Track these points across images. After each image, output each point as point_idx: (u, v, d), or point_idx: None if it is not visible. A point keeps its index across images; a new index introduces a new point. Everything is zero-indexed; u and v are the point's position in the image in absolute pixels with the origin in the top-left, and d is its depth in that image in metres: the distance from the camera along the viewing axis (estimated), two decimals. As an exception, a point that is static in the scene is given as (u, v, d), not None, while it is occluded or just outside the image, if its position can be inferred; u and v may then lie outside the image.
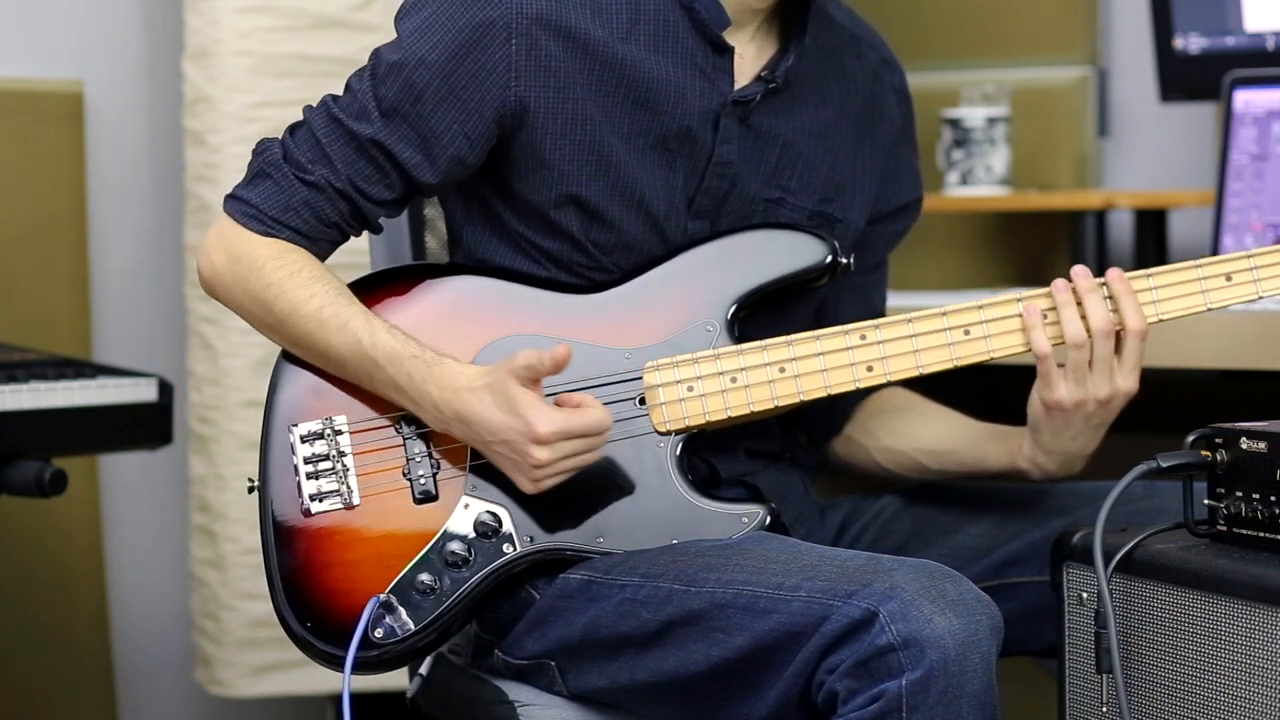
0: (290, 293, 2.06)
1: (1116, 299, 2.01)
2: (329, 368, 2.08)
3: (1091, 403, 2.03)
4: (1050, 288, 2.03)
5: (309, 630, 2.04)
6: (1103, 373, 2.01)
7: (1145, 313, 2.02)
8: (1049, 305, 2.03)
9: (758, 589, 1.92)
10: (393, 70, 2.06)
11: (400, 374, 2.02)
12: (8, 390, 2.59)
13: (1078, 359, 2.01)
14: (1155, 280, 2.03)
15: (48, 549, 3.25)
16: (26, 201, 3.24)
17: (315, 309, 2.05)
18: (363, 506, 2.06)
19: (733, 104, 2.11)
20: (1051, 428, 2.06)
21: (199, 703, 3.45)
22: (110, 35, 3.42)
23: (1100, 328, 2.00)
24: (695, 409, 2.06)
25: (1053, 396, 2.03)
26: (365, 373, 2.05)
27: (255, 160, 2.10)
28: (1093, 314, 2.01)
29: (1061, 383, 2.02)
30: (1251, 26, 2.89)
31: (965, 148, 3.09)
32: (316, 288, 2.06)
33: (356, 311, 2.05)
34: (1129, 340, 2.01)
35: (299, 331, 2.06)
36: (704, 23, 2.09)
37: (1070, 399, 2.03)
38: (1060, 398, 2.03)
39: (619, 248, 2.11)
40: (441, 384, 2.01)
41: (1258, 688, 1.77)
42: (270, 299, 2.07)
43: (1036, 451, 2.09)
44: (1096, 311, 2.01)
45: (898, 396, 2.31)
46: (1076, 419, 2.04)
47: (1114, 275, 2.02)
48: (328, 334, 2.04)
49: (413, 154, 2.06)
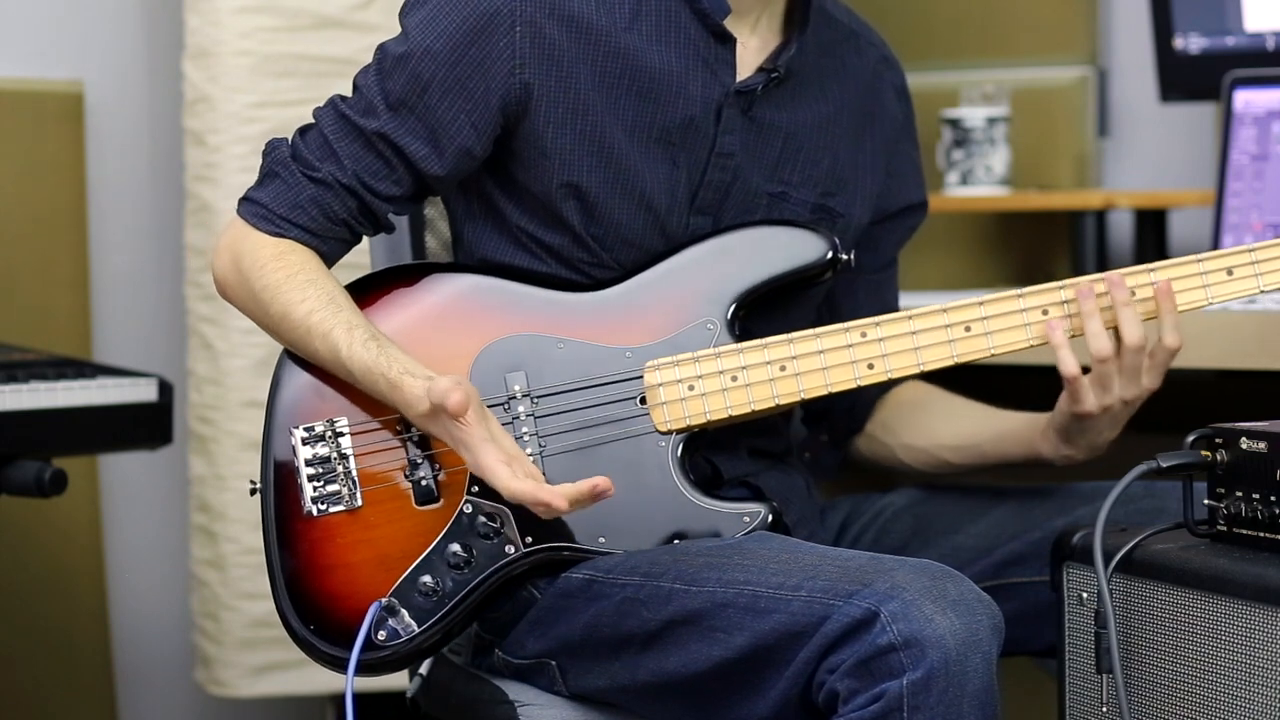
0: (284, 295, 2.06)
1: (1161, 316, 2.01)
2: (322, 364, 2.07)
3: (1118, 404, 2.04)
4: (1074, 293, 2.02)
5: (312, 632, 2.04)
6: (1131, 379, 2.02)
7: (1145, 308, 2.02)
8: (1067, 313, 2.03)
9: (759, 589, 1.92)
10: (399, 63, 2.06)
11: (374, 390, 2.02)
12: (8, 390, 2.59)
13: (1104, 371, 2.02)
14: (1157, 275, 2.03)
15: (48, 549, 3.25)
16: (26, 201, 3.24)
17: (304, 314, 2.05)
18: (365, 508, 2.05)
19: (735, 94, 2.11)
20: (1078, 430, 2.08)
21: (199, 703, 3.45)
22: (110, 35, 3.41)
23: (1135, 344, 2.01)
24: (696, 408, 2.06)
25: (1082, 409, 2.04)
26: (349, 379, 2.05)
27: (265, 161, 2.11)
28: (1128, 330, 2.01)
29: (1090, 394, 2.03)
30: (1251, 26, 2.89)
31: (965, 148, 3.09)
32: (310, 291, 2.06)
33: (341, 321, 2.04)
34: (1163, 355, 2.02)
35: (291, 336, 2.07)
36: (705, 12, 2.10)
37: (1098, 406, 2.04)
38: (1089, 409, 2.04)
39: (620, 242, 2.11)
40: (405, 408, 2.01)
41: (1258, 688, 1.77)
42: (266, 300, 2.07)
43: (1062, 446, 2.11)
44: (1132, 329, 2.01)
45: (918, 391, 2.31)
46: (1103, 420, 2.06)
47: (1163, 291, 2.01)
48: (313, 341, 2.05)
49: (420, 146, 2.07)
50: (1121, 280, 2.02)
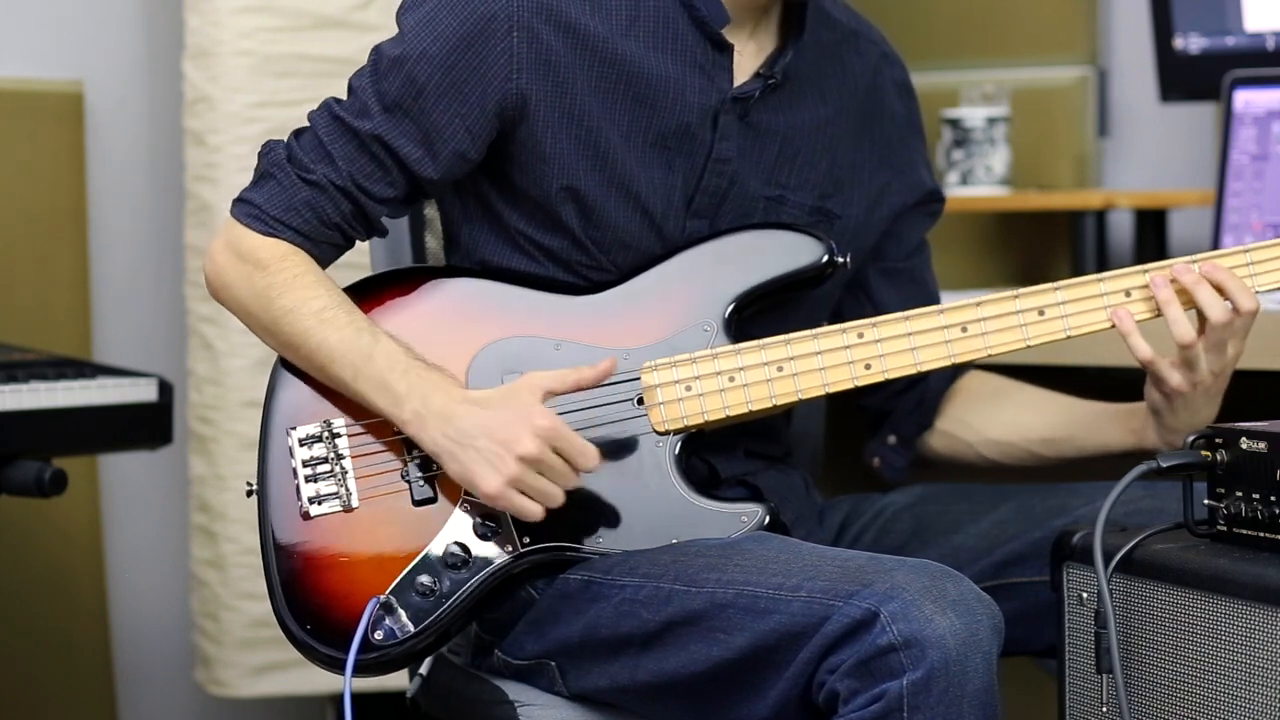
0: (294, 291, 2.06)
1: (1223, 286, 2.01)
2: (314, 368, 2.06)
3: (1209, 378, 2.04)
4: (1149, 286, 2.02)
5: (309, 633, 2.04)
6: (1217, 353, 2.03)
7: (1138, 309, 2.02)
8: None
9: (758, 589, 1.92)
10: (394, 65, 2.06)
11: (393, 370, 2.01)
12: (8, 390, 2.59)
13: (1189, 355, 2.02)
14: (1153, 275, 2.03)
15: (48, 549, 3.25)
16: (26, 201, 3.24)
17: (318, 309, 2.05)
18: (362, 509, 2.05)
19: (732, 101, 2.11)
20: (1175, 410, 2.08)
21: (199, 703, 3.45)
22: (110, 35, 3.42)
23: (1220, 319, 2.00)
24: (693, 409, 2.06)
25: (1169, 387, 2.05)
26: (352, 368, 2.03)
27: (260, 162, 2.11)
28: (1210, 307, 2.00)
29: (1174, 373, 2.04)
30: (1251, 26, 2.88)
31: (965, 148, 3.09)
32: (320, 290, 2.06)
33: (360, 317, 2.05)
34: (1242, 320, 2.01)
35: (295, 328, 2.06)
36: (703, 19, 2.10)
37: (1188, 384, 2.04)
38: (1178, 386, 2.04)
39: (617, 245, 2.11)
40: (438, 384, 2.01)
41: (1258, 688, 1.77)
42: (273, 296, 2.07)
43: (1164, 432, 2.11)
44: (1213, 303, 2.01)
45: (989, 382, 2.31)
46: (1197, 397, 2.06)
47: (1209, 267, 2.01)
48: (325, 330, 2.04)
49: (414, 149, 2.06)
50: (1186, 265, 2.02)
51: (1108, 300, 2.04)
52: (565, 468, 1.98)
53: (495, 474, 1.97)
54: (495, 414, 1.98)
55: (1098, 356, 2.34)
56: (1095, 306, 2.04)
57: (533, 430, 1.96)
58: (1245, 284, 2.01)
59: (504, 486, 1.97)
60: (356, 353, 2.03)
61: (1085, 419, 2.21)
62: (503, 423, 1.97)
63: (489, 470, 1.97)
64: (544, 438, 1.96)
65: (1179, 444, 2.08)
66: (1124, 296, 2.04)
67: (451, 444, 1.99)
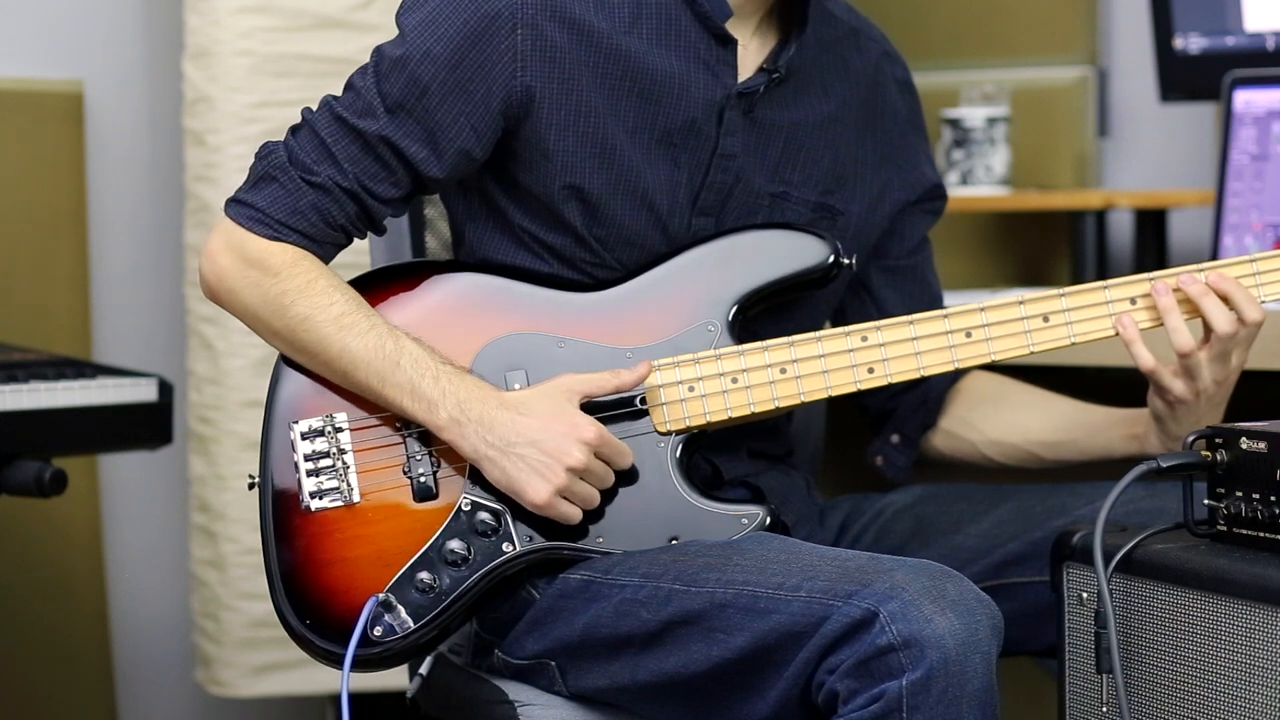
0: (309, 298, 2.05)
1: (1230, 296, 2.01)
2: (333, 373, 2.06)
3: (1211, 386, 2.04)
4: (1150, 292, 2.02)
5: (308, 627, 2.04)
6: (1220, 363, 2.03)
7: (1140, 318, 2.03)
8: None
9: (758, 589, 1.92)
10: (397, 65, 2.06)
11: (424, 376, 2.02)
12: (8, 390, 2.59)
13: (1189, 363, 2.02)
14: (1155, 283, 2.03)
15: (48, 549, 3.25)
16: (26, 201, 3.24)
17: (336, 315, 2.04)
18: (363, 504, 2.05)
19: (737, 96, 2.11)
20: (1178, 417, 2.08)
21: (199, 703, 3.45)
22: (110, 35, 3.42)
23: (1226, 330, 2.00)
24: (696, 409, 2.06)
25: (1172, 395, 2.05)
26: (379, 375, 2.03)
27: (259, 164, 2.10)
28: (1215, 317, 2.00)
29: (1177, 381, 2.03)
30: (1251, 26, 2.89)
31: (965, 148, 3.09)
32: (336, 295, 2.06)
33: (379, 321, 2.05)
34: (1247, 331, 2.02)
35: (313, 335, 2.05)
36: (706, 15, 2.10)
37: (1190, 392, 2.04)
38: (1180, 394, 2.04)
39: (621, 243, 2.11)
40: (472, 389, 2.01)
41: (1258, 688, 1.77)
42: (286, 303, 2.06)
43: (1167, 439, 2.11)
44: (1219, 314, 2.00)
45: (992, 383, 2.31)
46: (1200, 405, 2.06)
47: (1216, 277, 2.01)
48: (345, 337, 2.03)
49: (420, 149, 2.06)
50: (1192, 275, 2.02)
51: (1113, 308, 2.04)
52: (607, 471, 2.02)
53: (545, 484, 1.99)
54: (539, 423, 1.99)
55: (1098, 356, 2.34)
56: (1100, 314, 2.04)
57: (581, 440, 1.99)
58: (1252, 295, 2.01)
59: (553, 496, 2.00)
60: (382, 360, 2.03)
61: (1088, 423, 2.21)
62: (550, 434, 1.99)
63: (538, 480, 1.99)
64: (593, 446, 1.99)
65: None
66: (1129, 304, 2.04)
67: (494, 451, 2.00)
